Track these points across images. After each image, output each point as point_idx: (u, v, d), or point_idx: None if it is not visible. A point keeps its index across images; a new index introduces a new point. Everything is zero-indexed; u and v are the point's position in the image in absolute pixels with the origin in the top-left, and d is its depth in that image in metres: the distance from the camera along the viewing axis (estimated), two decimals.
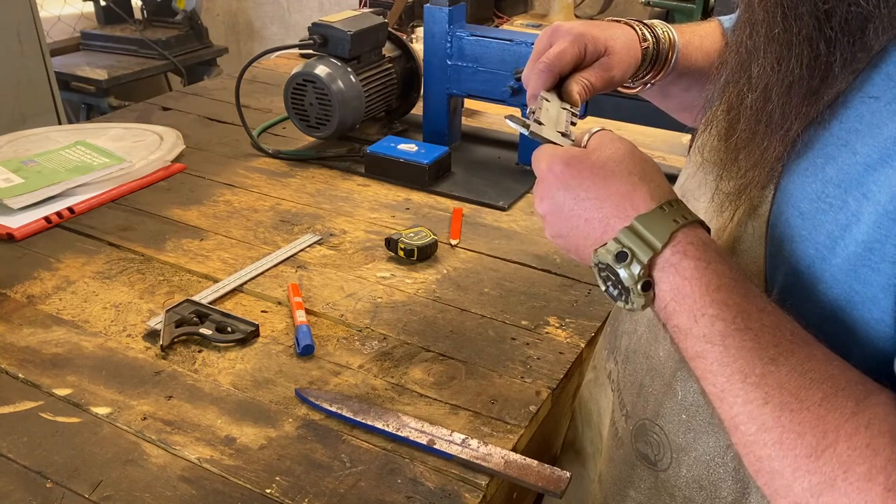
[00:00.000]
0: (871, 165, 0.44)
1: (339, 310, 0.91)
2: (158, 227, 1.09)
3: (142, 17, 2.94)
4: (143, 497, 0.65)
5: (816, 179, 0.48)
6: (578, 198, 0.54)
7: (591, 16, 2.59)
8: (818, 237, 0.47)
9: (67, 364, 0.81)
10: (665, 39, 0.77)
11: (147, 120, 1.47)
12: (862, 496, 0.40)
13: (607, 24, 0.75)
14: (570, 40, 0.70)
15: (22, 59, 2.07)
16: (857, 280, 0.45)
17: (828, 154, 0.47)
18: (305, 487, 0.66)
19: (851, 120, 0.47)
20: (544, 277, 0.99)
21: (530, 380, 0.80)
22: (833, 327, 0.47)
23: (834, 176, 0.46)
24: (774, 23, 0.48)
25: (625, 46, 0.73)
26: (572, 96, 0.68)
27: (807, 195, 0.48)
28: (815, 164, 0.48)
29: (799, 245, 0.48)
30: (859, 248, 0.44)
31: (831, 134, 0.48)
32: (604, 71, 0.71)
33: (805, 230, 0.48)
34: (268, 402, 0.76)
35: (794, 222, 0.49)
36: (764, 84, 0.49)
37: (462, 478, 0.68)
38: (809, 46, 0.47)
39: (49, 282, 0.95)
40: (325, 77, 1.27)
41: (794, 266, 0.49)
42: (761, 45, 0.49)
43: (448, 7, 1.23)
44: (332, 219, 1.12)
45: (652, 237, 0.49)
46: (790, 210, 0.49)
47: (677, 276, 0.48)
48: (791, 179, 0.50)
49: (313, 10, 3.24)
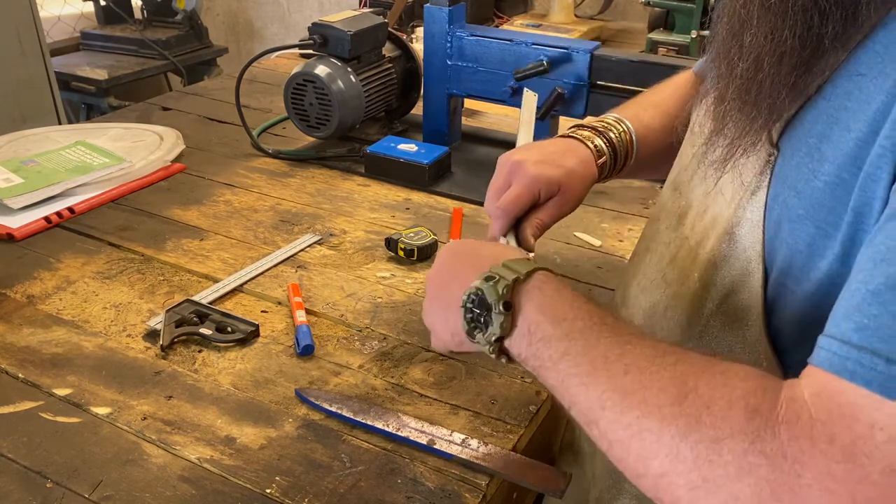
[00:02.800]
0: (863, 140, 0.45)
1: (339, 310, 0.91)
2: (158, 227, 1.09)
3: (142, 17, 2.94)
4: (143, 497, 0.65)
5: (812, 159, 0.49)
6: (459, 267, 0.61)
7: (591, 16, 2.58)
8: (818, 214, 0.48)
9: (67, 364, 0.81)
10: (621, 142, 0.80)
11: (147, 120, 1.47)
12: (726, 423, 0.42)
13: (563, 149, 0.79)
14: (525, 185, 0.76)
15: (22, 59, 2.07)
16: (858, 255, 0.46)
17: (820, 133, 0.49)
18: (305, 487, 0.66)
19: (840, 97, 0.48)
20: None
21: (530, 380, 0.80)
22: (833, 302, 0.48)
23: (829, 154, 0.48)
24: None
25: (580, 179, 0.78)
26: (528, 241, 0.75)
27: (803, 175, 0.49)
28: (809, 144, 0.50)
29: (798, 224, 0.50)
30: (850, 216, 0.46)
31: (822, 113, 0.49)
32: (557, 209, 0.78)
33: (802, 209, 0.49)
34: (268, 402, 0.76)
35: (792, 202, 0.50)
36: (756, 53, 0.51)
37: (462, 478, 0.68)
38: (804, 17, 0.48)
39: (49, 282, 0.95)
40: (325, 77, 1.27)
41: (794, 245, 0.50)
42: (755, 15, 0.51)
43: (448, 7, 1.23)
44: (332, 219, 1.12)
45: (518, 267, 0.55)
46: (787, 191, 0.51)
47: (541, 294, 0.54)
48: (786, 162, 0.51)
49: (313, 10, 3.24)
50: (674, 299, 0.60)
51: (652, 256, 0.66)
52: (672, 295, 0.61)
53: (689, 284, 0.59)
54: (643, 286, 0.66)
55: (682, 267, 0.61)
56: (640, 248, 0.70)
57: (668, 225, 0.65)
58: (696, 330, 0.57)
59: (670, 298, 0.61)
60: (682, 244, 0.62)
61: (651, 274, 0.66)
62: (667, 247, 0.64)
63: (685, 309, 0.58)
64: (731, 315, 0.55)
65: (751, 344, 0.53)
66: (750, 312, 0.54)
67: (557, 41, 1.23)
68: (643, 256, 0.68)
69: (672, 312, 0.60)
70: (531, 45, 1.20)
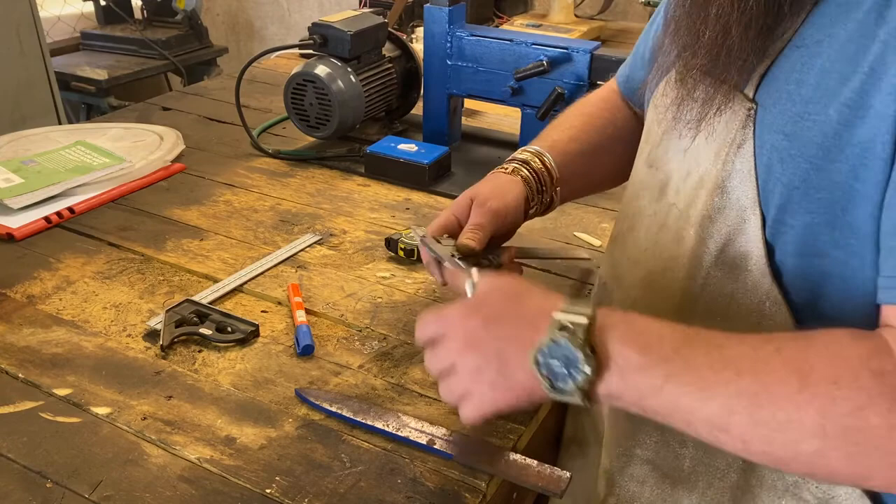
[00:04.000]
0: (844, 77, 0.50)
1: (339, 310, 0.91)
2: (158, 227, 1.09)
3: (142, 17, 2.94)
4: (143, 497, 0.65)
5: (795, 104, 0.53)
6: (498, 323, 0.57)
7: (591, 16, 2.58)
8: (809, 151, 0.52)
9: (67, 364, 0.81)
10: (546, 182, 0.82)
11: (147, 120, 1.47)
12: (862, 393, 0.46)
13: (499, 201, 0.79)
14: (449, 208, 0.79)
15: (22, 59, 2.07)
16: (857, 179, 0.50)
17: (797, 80, 0.53)
18: (305, 487, 0.66)
19: (811, 45, 0.53)
20: (544, 277, 0.99)
21: None
22: (832, 233, 0.52)
23: (811, 95, 0.52)
24: None
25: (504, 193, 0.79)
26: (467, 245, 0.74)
27: (788, 118, 0.53)
28: (788, 91, 0.54)
29: (790, 164, 0.53)
30: (856, 148, 0.50)
31: (795, 62, 0.54)
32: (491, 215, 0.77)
33: (794, 149, 0.53)
34: (268, 402, 0.76)
35: (781, 144, 0.54)
36: (723, 22, 0.55)
37: (462, 478, 0.68)
38: None
39: (49, 282, 0.95)
40: (325, 77, 1.27)
41: (789, 182, 0.53)
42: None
43: (448, 7, 1.23)
44: (332, 219, 1.12)
45: (580, 309, 0.54)
46: (774, 136, 0.54)
47: (617, 328, 0.53)
48: (767, 111, 0.55)
49: (313, 10, 3.24)
50: (671, 261, 0.62)
51: (638, 231, 0.68)
52: (668, 258, 0.62)
53: (685, 244, 0.60)
54: (634, 259, 0.67)
55: (676, 229, 0.62)
56: (623, 227, 0.71)
57: (650, 198, 0.66)
58: (698, 283, 0.59)
59: (667, 261, 0.62)
60: (668, 211, 0.64)
61: (641, 245, 0.67)
62: (653, 218, 0.66)
63: (684, 267, 0.60)
64: (730, 263, 0.57)
65: (752, 288, 0.56)
66: (749, 257, 0.56)
67: (557, 41, 1.23)
68: (627, 235, 0.69)
69: (671, 274, 0.62)
70: (531, 45, 1.20)
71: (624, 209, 0.73)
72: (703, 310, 0.58)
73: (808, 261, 0.54)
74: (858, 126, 0.50)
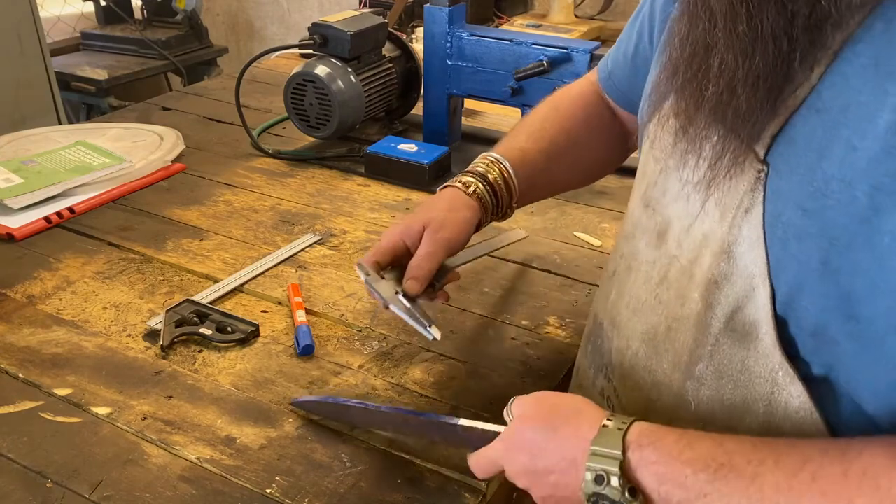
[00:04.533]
0: (874, 158, 0.45)
1: (339, 310, 0.91)
2: (158, 227, 1.09)
3: (142, 17, 2.93)
4: (143, 497, 0.65)
5: (815, 177, 0.48)
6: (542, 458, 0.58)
7: (591, 16, 2.58)
8: (831, 232, 0.48)
9: (67, 364, 0.81)
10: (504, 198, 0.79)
11: (147, 120, 1.47)
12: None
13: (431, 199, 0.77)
14: (383, 237, 0.76)
15: (22, 59, 2.07)
16: (883, 270, 0.46)
17: (819, 149, 0.49)
18: (305, 487, 0.66)
19: (835, 112, 0.48)
20: (544, 277, 0.99)
21: (530, 380, 0.80)
22: (846, 324, 0.48)
23: (835, 172, 0.47)
24: (738, 20, 0.49)
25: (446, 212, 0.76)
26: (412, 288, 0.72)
27: (808, 193, 0.49)
28: (809, 161, 0.49)
29: (808, 243, 0.49)
30: (885, 238, 0.45)
31: (816, 128, 0.49)
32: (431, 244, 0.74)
33: (814, 228, 0.49)
34: (268, 402, 0.76)
35: (799, 221, 0.49)
36: (728, 78, 0.51)
37: (462, 478, 0.68)
38: (774, 44, 0.49)
39: (49, 282, 0.95)
40: (325, 77, 1.27)
41: (806, 262, 0.49)
42: (721, 40, 0.51)
43: (448, 7, 1.23)
44: (332, 219, 1.12)
45: (608, 451, 0.54)
46: (791, 209, 0.50)
47: (650, 464, 0.53)
48: (782, 181, 0.51)
49: (313, 10, 3.24)
50: (675, 321, 0.59)
51: (637, 276, 0.64)
52: (672, 317, 0.59)
53: (690, 305, 0.57)
54: (634, 308, 0.64)
55: (678, 287, 0.59)
56: (620, 266, 0.67)
57: (648, 243, 0.63)
58: (706, 350, 0.56)
59: (671, 320, 0.59)
60: (670, 263, 0.60)
61: (641, 295, 0.63)
62: (652, 266, 0.62)
63: (690, 330, 0.57)
64: (739, 331, 0.54)
65: (764, 356, 0.53)
66: (759, 325, 0.53)
67: (557, 41, 1.23)
68: (626, 276, 0.66)
69: (675, 335, 0.59)
70: (531, 45, 1.20)
71: (620, 246, 0.69)
72: (713, 373, 0.56)
73: (821, 345, 0.51)
74: (890, 213, 0.45)
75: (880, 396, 0.49)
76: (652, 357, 0.61)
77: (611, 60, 0.84)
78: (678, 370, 0.59)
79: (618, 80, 0.82)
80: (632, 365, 0.63)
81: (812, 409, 0.52)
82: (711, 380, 0.57)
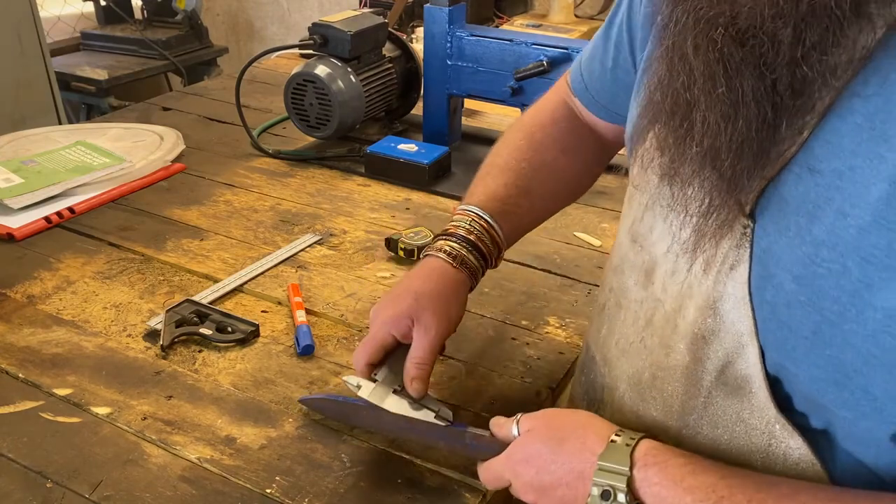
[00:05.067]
0: (864, 228, 0.43)
1: (340, 310, 0.91)
2: (158, 227, 1.09)
3: (142, 17, 2.93)
4: (143, 497, 0.65)
5: (804, 242, 0.46)
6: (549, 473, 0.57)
7: (591, 16, 2.59)
8: (823, 303, 0.46)
9: (67, 364, 0.81)
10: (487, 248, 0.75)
11: (147, 120, 1.47)
12: None
13: (407, 280, 0.73)
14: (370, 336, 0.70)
15: (22, 59, 2.07)
16: (877, 346, 0.44)
17: (809, 212, 0.46)
18: (305, 487, 0.66)
19: (829, 176, 0.45)
20: (544, 277, 0.99)
21: (530, 380, 0.80)
22: (840, 393, 0.47)
23: (825, 238, 0.45)
24: (717, 81, 0.47)
25: (433, 296, 0.70)
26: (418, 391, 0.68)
27: (798, 258, 0.47)
28: (799, 224, 0.47)
29: (799, 310, 0.47)
30: (878, 313, 0.43)
31: (808, 189, 0.46)
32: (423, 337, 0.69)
33: (804, 296, 0.47)
34: (268, 402, 0.76)
35: (789, 287, 0.47)
36: (711, 141, 0.49)
37: (462, 478, 0.68)
38: (757, 108, 0.46)
39: (49, 282, 0.95)
40: (325, 77, 1.27)
41: (796, 330, 0.48)
42: (701, 99, 0.48)
43: (448, 7, 1.23)
44: (332, 219, 1.12)
45: (616, 467, 0.54)
46: (781, 274, 0.48)
47: (651, 486, 0.53)
48: (771, 240, 0.49)
49: (313, 10, 3.24)
50: (661, 370, 0.58)
51: (626, 314, 0.62)
52: (657, 365, 0.58)
53: (675, 357, 0.56)
54: (622, 348, 0.63)
55: (662, 336, 0.57)
56: (610, 301, 0.65)
57: (637, 281, 0.61)
58: (699, 401, 0.55)
59: (656, 368, 0.58)
60: (655, 307, 0.59)
61: (629, 335, 0.62)
62: (640, 306, 0.61)
63: (680, 382, 0.56)
64: (732, 385, 0.53)
65: (759, 408, 0.52)
66: (752, 381, 0.52)
67: (557, 41, 1.23)
68: (615, 312, 0.64)
69: (662, 384, 0.57)
70: (531, 45, 1.20)
71: (609, 279, 0.66)
72: (707, 423, 0.55)
73: (816, 408, 0.49)
74: (883, 289, 0.43)
75: (882, 454, 0.48)
76: (638, 403, 0.60)
77: (585, 72, 0.78)
78: (671, 418, 0.58)
79: (597, 93, 0.77)
80: (620, 407, 0.62)
81: (813, 461, 0.50)
82: (707, 429, 0.56)
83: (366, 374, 0.69)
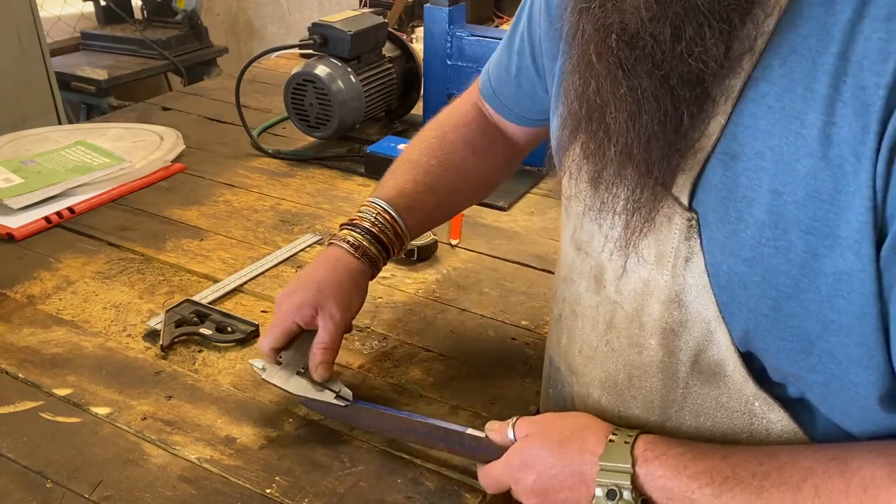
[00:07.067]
0: (800, 203, 0.46)
1: None
2: (158, 227, 1.09)
3: (142, 17, 2.93)
4: (143, 497, 0.65)
5: (748, 225, 0.49)
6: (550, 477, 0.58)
7: None
8: (776, 279, 0.48)
9: (67, 364, 0.81)
10: (390, 240, 0.78)
11: (147, 120, 1.47)
12: None
13: (312, 267, 0.76)
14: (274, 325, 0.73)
15: (22, 59, 2.07)
16: (833, 311, 0.46)
17: (744, 196, 0.49)
18: (305, 487, 0.66)
19: (752, 158, 0.48)
20: (544, 277, 0.99)
21: (530, 380, 0.80)
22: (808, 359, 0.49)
23: (766, 219, 0.48)
24: (618, 82, 0.50)
25: (335, 284, 0.74)
26: (322, 375, 0.72)
27: (744, 242, 0.49)
28: (738, 210, 0.49)
29: (756, 290, 0.49)
30: (829, 279, 0.46)
31: (737, 175, 0.49)
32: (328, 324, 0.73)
33: (757, 276, 0.49)
34: (268, 402, 0.76)
35: (741, 270, 0.50)
36: (623, 139, 0.51)
37: (462, 478, 0.68)
38: (657, 103, 0.49)
39: (49, 282, 0.95)
40: (325, 77, 1.27)
41: (756, 309, 0.50)
42: (610, 101, 0.51)
43: (448, 7, 1.23)
44: (332, 219, 1.12)
45: (618, 465, 0.55)
46: (731, 259, 0.50)
47: (656, 480, 0.54)
48: (714, 229, 0.51)
49: (313, 10, 3.24)
50: (636, 369, 0.58)
51: (583, 322, 0.63)
52: (631, 364, 0.59)
53: (648, 353, 0.57)
54: (587, 355, 0.63)
55: (630, 336, 0.58)
56: (565, 311, 0.66)
57: (588, 287, 0.62)
58: (678, 393, 0.56)
59: (631, 368, 0.59)
60: (613, 309, 0.59)
61: (591, 341, 0.63)
62: (595, 311, 0.61)
63: (657, 377, 0.57)
64: (707, 372, 0.55)
65: (737, 391, 0.54)
66: (726, 364, 0.53)
67: None
68: (572, 321, 0.65)
69: (640, 382, 0.58)
70: None
71: (561, 290, 0.67)
72: (689, 413, 0.57)
73: (788, 377, 0.52)
74: (827, 256, 0.45)
75: (854, 419, 0.50)
76: (618, 404, 0.61)
77: (493, 77, 0.81)
78: (653, 414, 0.59)
79: (503, 98, 0.81)
80: (599, 412, 0.62)
81: (796, 429, 0.53)
82: (689, 419, 0.57)
83: (271, 358, 0.73)
